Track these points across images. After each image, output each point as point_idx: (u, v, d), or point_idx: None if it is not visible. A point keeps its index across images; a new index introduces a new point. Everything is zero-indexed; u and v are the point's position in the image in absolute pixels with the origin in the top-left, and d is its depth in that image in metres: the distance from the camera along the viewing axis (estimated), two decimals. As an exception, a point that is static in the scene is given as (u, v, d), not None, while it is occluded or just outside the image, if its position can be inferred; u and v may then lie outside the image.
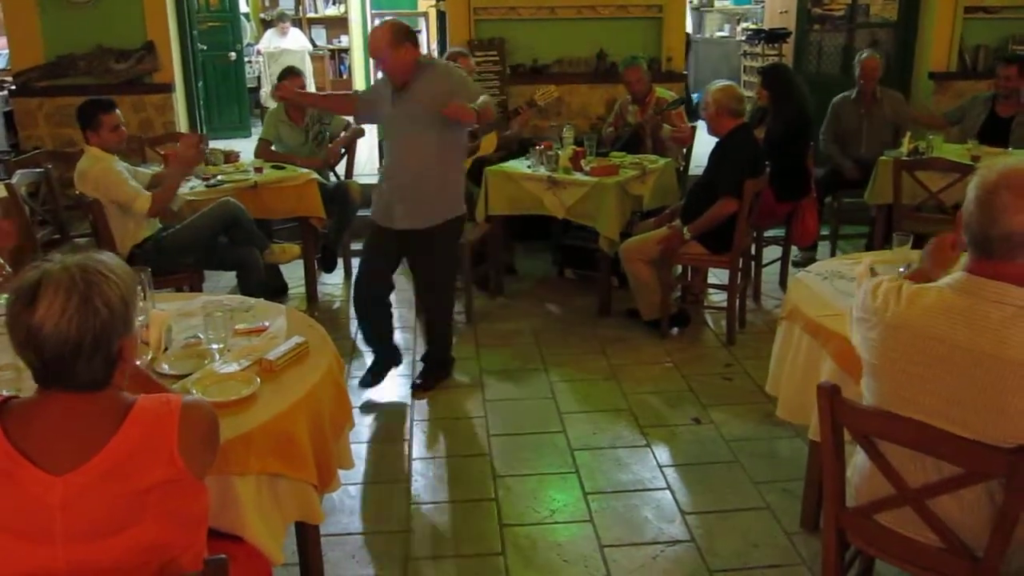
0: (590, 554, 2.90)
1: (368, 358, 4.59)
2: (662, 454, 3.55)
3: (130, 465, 1.50)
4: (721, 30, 11.18)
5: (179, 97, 7.05)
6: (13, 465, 1.48)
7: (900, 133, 5.70)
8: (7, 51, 7.14)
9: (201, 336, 2.51)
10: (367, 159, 7.69)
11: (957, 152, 5.29)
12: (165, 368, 2.34)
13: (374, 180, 7.11)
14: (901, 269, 2.73)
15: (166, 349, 2.46)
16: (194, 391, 2.16)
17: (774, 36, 8.24)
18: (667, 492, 3.28)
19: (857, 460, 2.11)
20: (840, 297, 2.78)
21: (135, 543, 1.51)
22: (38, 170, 4.82)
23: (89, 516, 1.49)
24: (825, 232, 5.92)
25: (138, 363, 2.21)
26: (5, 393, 2.03)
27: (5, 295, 2.34)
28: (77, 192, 4.31)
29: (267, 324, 2.64)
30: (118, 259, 1.63)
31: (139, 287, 2.49)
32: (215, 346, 2.45)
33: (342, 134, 5.87)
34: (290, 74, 5.64)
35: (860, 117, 5.97)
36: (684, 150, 5.95)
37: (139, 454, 1.51)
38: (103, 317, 1.52)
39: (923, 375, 1.83)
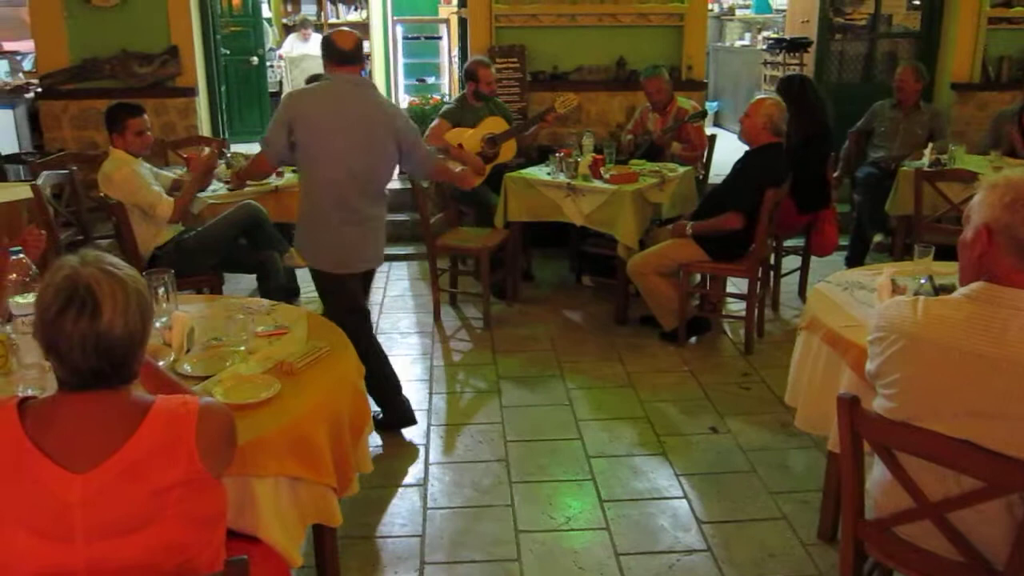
0: (606, 562, 2.90)
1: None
2: (679, 462, 3.54)
3: (148, 464, 1.52)
4: (742, 39, 11.14)
5: (201, 101, 7.12)
6: (34, 463, 1.50)
7: (934, 139, 5.68)
8: (34, 54, 7.22)
9: (223, 338, 2.53)
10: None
11: (979, 163, 5.26)
12: (187, 369, 2.36)
13: (395, 185, 7.18)
14: (922, 280, 2.72)
15: (188, 351, 2.48)
16: (215, 393, 2.17)
17: (795, 45, 8.22)
18: (683, 501, 3.27)
19: (875, 472, 2.09)
20: (860, 308, 2.77)
21: (153, 541, 1.53)
22: (62, 172, 4.87)
23: (108, 514, 1.50)
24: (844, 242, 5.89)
25: (161, 364, 2.24)
26: (29, 392, 2.06)
27: (26, 295, 2.39)
28: (101, 194, 4.35)
29: (288, 327, 2.66)
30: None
31: (162, 289, 2.54)
32: (237, 348, 2.46)
33: None
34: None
35: (897, 120, 5.97)
36: (703, 159, 5.95)
37: (157, 453, 1.53)
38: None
39: (944, 386, 1.82)
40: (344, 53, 3.52)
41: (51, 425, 1.53)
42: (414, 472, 3.49)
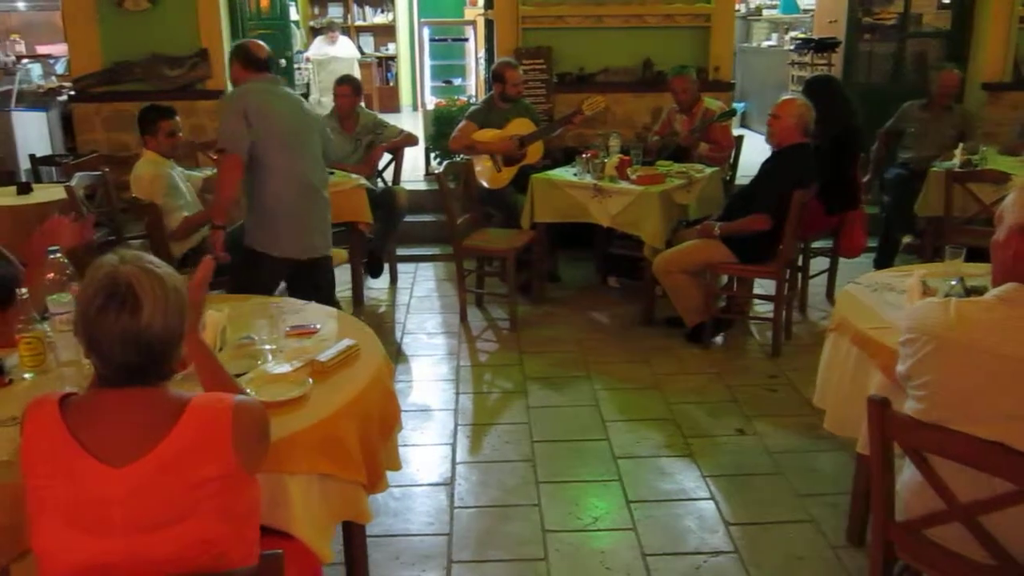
0: (632, 562, 2.90)
1: (414, 363, 4.64)
2: (705, 464, 3.53)
3: (186, 459, 1.55)
4: (769, 40, 11.08)
5: (231, 103, 7.17)
6: (75, 458, 1.53)
7: (964, 140, 5.63)
8: (67, 57, 7.33)
9: (254, 337, 2.57)
10: (412, 167, 7.74)
11: (1010, 164, 5.20)
12: (219, 367, 2.39)
13: (422, 186, 7.25)
14: (953, 282, 2.71)
15: (220, 349, 2.51)
16: (247, 391, 2.20)
17: (823, 46, 8.16)
18: (710, 502, 3.26)
19: (905, 474, 2.09)
20: (889, 309, 2.76)
21: (190, 535, 1.56)
22: (95, 173, 4.94)
23: (146, 509, 1.54)
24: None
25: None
26: (67, 389, 2.10)
27: (63, 294, 2.43)
28: (132, 195, 4.41)
29: (318, 326, 2.69)
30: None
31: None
32: (268, 347, 2.50)
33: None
34: (348, 85, 5.72)
35: (926, 121, 5.91)
36: (731, 160, 5.94)
37: (194, 449, 1.56)
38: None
39: (976, 388, 1.82)
40: (261, 61, 3.90)
41: (91, 421, 1.57)
42: (441, 471, 3.52)
